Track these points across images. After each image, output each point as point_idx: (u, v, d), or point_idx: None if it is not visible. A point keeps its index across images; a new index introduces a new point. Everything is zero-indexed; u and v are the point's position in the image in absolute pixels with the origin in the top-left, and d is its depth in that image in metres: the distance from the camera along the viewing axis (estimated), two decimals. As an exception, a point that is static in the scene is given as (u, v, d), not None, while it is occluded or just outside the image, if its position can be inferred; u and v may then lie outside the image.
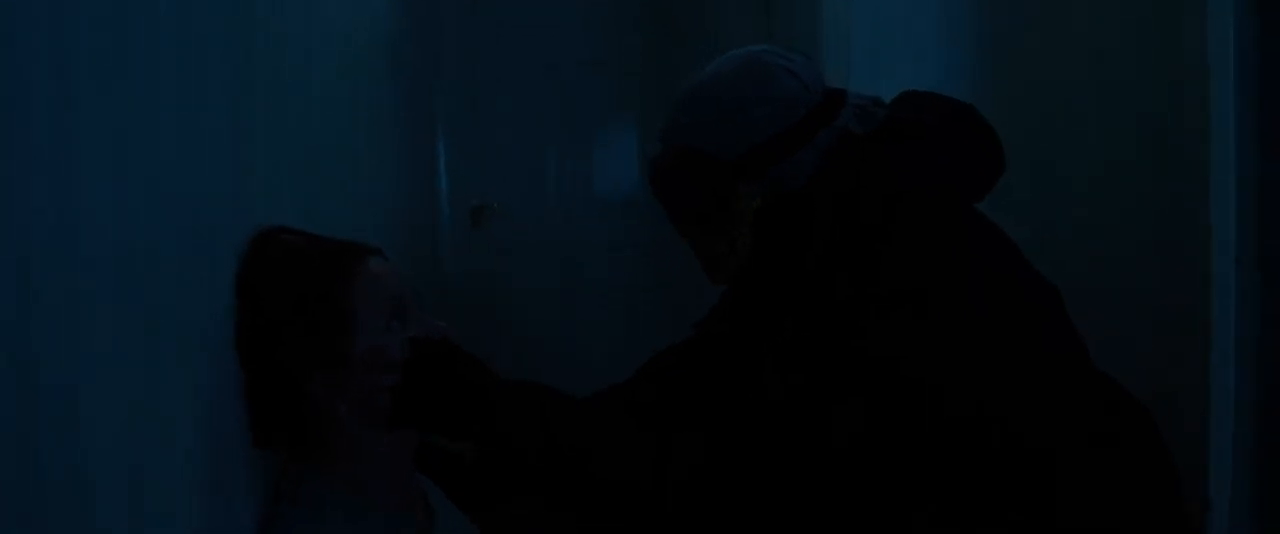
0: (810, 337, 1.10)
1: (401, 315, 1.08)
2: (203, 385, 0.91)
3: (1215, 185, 1.79)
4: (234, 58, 1.04)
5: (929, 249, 1.11)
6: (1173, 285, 2.01)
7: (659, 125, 1.27)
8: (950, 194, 1.18)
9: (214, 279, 0.97)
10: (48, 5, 0.63)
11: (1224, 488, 1.70)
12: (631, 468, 1.10)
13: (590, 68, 3.71)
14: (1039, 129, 2.27)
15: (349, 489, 1.06)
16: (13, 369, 0.57)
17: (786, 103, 1.17)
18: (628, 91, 3.72)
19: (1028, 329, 1.13)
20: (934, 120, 1.21)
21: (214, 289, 0.97)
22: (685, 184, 1.22)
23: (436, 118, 3.53)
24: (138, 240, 0.76)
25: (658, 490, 1.09)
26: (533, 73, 3.68)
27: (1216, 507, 1.69)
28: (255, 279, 1.02)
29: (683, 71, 1.32)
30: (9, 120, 0.58)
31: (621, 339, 3.35)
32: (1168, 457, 1.18)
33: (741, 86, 1.19)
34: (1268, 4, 1.70)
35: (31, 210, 0.60)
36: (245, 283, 1.02)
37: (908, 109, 1.24)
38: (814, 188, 1.15)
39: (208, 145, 0.94)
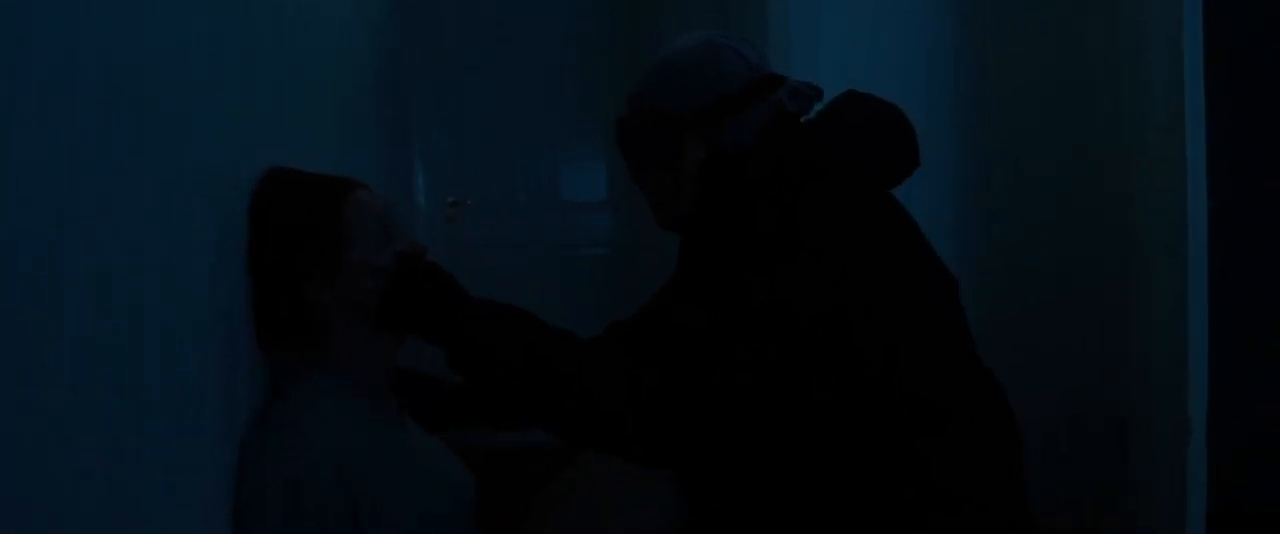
0: (724, 278, 1.25)
1: (387, 233, 1.24)
2: (220, 301, 1.05)
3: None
4: (249, 65, 1.20)
5: (836, 207, 1.28)
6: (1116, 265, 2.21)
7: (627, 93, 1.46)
8: (865, 175, 1.37)
9: (232, 215, 1.12)
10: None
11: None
12: (594, 372, 1.20)
13: (558, 74, 3.88)
14: (965, 124, 2.47)
15: (338, 381, 1.20)
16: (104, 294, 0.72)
17: (731, 74, 1.37)
18: (594, 98, 3.89)
19: (916, 290, 1.29)
20: (861, 114, 1.41)
21: (233, 221, 1.12)
22: (641, 135, 1.41)
23: (412, 118, 3.69)
24: (183, 197, 0.92)
25: (596, 400, 1.19)
26: (503, 77, 3.84)
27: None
28: (264, 204, 1.18)
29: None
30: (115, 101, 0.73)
31: (580, 329, 3.51)
32: (1020, 441, 1.36)
33: (694, 56, 1.39)
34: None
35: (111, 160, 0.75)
36: (256, 208, 1.17)
37: (842, 103, 1.44)
38: (748, 149, 1.34)
39: (223, 121, 1.08)
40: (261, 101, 1.27)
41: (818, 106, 1.43)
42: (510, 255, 3.72)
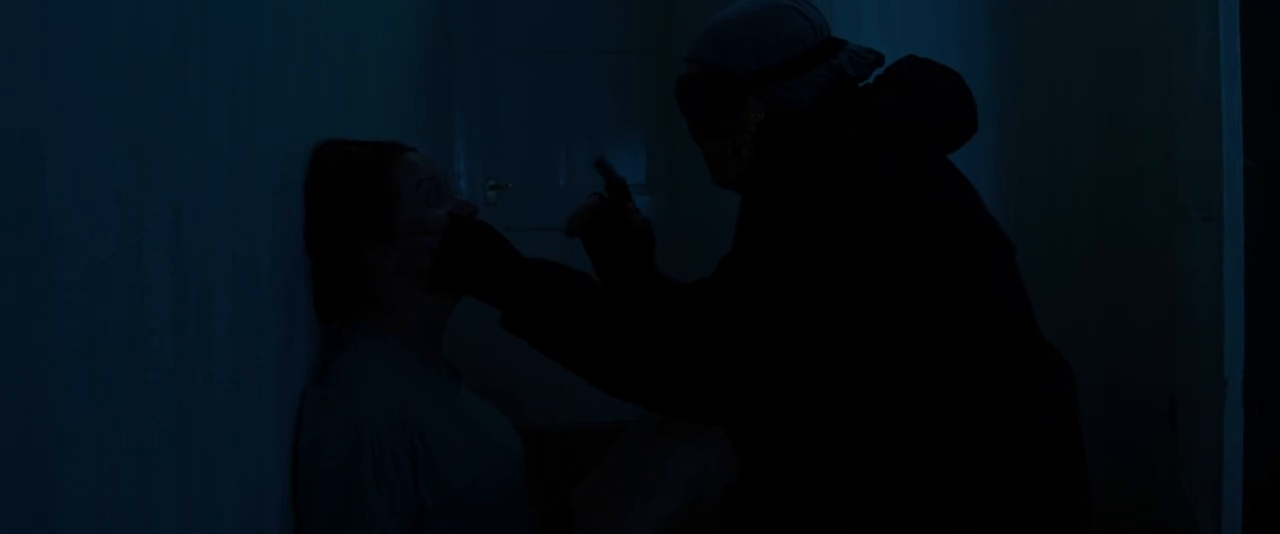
0: (766, 229, 1.28)
1: (438, 193, 1.27)
2: (280, 273, 1.11)
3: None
4: (307, 50, 1.26)
5: (891, 167, 1.27)
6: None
7: (685, 53, 1.47)
8: (925, 138, 1.36)
9: (289, 190, 1.17)
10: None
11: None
12: (634, 337, 1.22)
13: (598, 58, 3.91)
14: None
15: (396, 340, 1.24)
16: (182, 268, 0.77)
17: (794, 36, 1.37)
18: (633, 81, 3.93)
19: (969, 253, 1.29)
20: (921, 78, 1.40)
21: (289, 196, 1.17)
22: (702, 95, 1.41)
23: (454, 103, 3.75)
24: (249, 174, 0.98)
25: (645, 353, 1.21)
26: (544, 62, 3.88)
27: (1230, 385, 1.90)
28: (318, 175, 1.22)
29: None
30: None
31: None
32: (1074, 413, 1.35)
33: (758, 18, 1.39)
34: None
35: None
36: (311, 181, 1.21)
37: (902, 67, 1.43)
38: (807, 112, 1.35)
39: (284, 102, 1.14)
40: (317, 84, 1.31)
41: (877, 72, 1.42)
42: (551, 238, 3.74)
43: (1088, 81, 2.48)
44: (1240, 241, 1.88)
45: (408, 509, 1.13)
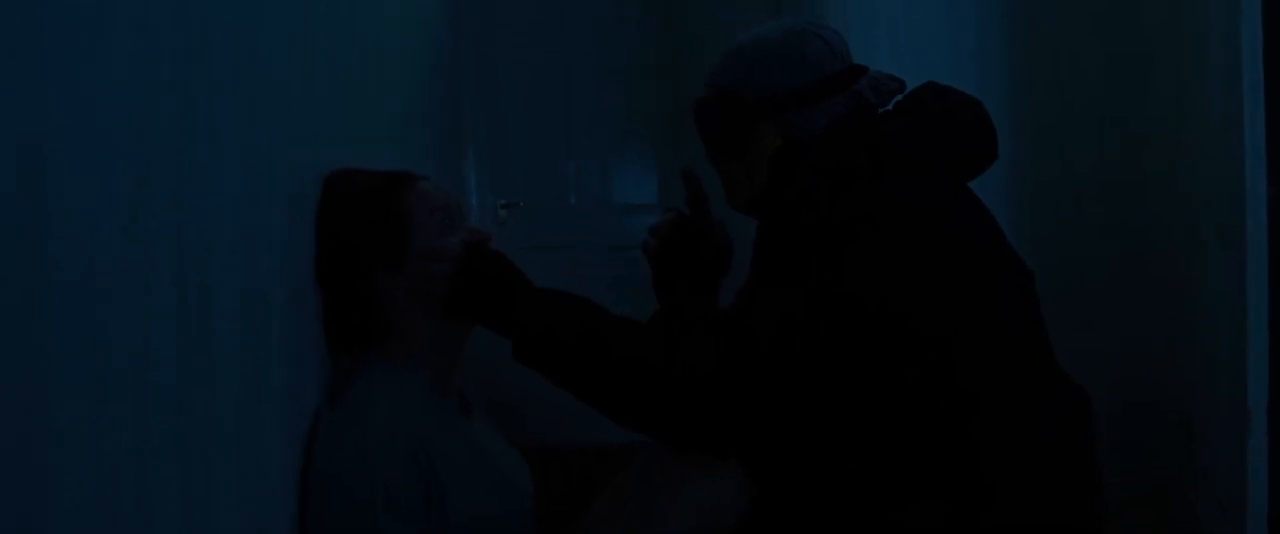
0: (780, 254, 1.28)
1: (452, 222, 1.27)
2: (287, 272, 1.11)
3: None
4: (311, 66, 1.27)
5: (902, 194, 1.27)
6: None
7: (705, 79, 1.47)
8: (938, 166, 1.35)
9: (297, 213, 1.17)
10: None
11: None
12: (644, 351, 1.22)
13: (608, 76, 3.92)
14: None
15: (407, 370, 1.23)
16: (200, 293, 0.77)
17: (812, 63, 1.37)
18: (643, 100, 3.93)
19: (979, 281, 1.28)
20: (941, 106, 1.40)
21: (298, 219, 1.17)
22: (717, 117, 1.42)
23: (464, 121, 3.76)
24: (252, 196, 0.98)
25: (665, 372, 1.20)
26: (554, 80, 3.89)
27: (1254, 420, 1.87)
28: (330, 205, 1.23)
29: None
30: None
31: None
32: (1091, 441, 1.34)
33: (776, 43, 1.39)
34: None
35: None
36: (322, 210, 1.22)
37: (922, 94, 1.43)
38: (817, 138, 1.34)
39: (289, 123, 1.14)
40: (323, 102, 1.31)
41: (898, 98, 1.42)
42: (562, 257, 3.75)
43: (1095, 87, 2.47)
44: (1264, 271, 1.85)
45: None
